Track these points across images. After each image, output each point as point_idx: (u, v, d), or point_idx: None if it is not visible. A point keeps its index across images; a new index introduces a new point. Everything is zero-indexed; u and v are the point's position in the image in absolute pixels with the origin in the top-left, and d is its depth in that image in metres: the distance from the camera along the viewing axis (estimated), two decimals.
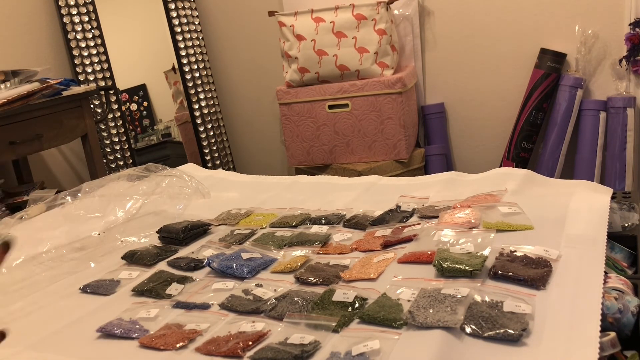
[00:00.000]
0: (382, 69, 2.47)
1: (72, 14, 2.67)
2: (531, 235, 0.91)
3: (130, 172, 1.32)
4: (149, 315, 0.81)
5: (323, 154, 2.61)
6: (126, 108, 2.96)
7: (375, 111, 2.46)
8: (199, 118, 3.02)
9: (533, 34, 2.48)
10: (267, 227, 1.14)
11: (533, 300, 0.71)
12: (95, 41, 2.73)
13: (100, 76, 2.75)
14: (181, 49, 2.95)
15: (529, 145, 2.53)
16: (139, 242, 1.13)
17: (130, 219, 1.21)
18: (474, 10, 2.56)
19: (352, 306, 0.76)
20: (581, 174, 2.41)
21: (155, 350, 0.73)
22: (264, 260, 0.96)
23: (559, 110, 2.43)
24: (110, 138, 2.79)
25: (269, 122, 3.15)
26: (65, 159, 2.80)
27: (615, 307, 0.69)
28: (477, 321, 0.67)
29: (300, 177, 1.44)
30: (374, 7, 2.45)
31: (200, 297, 0.86)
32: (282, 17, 2.59)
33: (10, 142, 2.04)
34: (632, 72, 2.34)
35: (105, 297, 0.91)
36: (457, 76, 2.67)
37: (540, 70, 2.44)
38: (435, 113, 2.71)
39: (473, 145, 2.74)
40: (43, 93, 2.12)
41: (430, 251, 0.87)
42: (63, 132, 2.24)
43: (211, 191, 1.33)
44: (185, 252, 1.04)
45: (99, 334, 0.78)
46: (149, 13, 3.03)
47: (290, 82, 2.60)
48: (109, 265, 1.02)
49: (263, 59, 3.04)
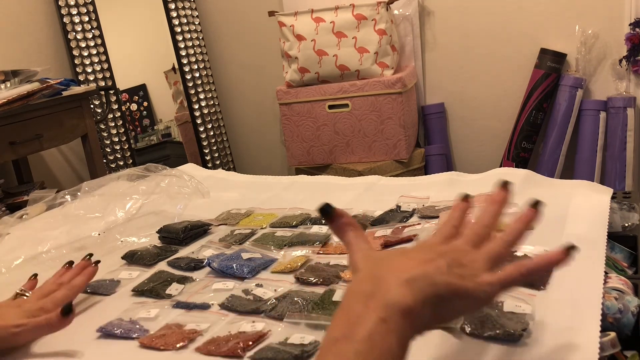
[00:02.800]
0: (382, 69, 2.47)
1: (72, 14, 2.67)
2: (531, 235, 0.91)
3: (130, 172, 1.32)
4: (149, 315, 0.81)
5: (323, 154, 2.61)
6: (126, 108, 2.96)
7: (375, 111, 2.46)
8: (199, 118, 3.02)
9: (533, 34, 2.48)
10: (267, 227, 1.14)
11: (533, 300, 0.71)
12: (95, 41, 2.73)
13: (100, 76, 2.75)
14: (181, 49, 2.95)
15: (529, 145, 2.53)
16: (139, 242, 1.13)
17: (130, 219, 1.21)
18: (474, 10, 2.56)
19: None
20: (581, 174, 2.41)
21: (155, 350, 0.73)
22: (264, 261, 0.96)
23: (559, 110, 2.43)
24: (110, 138, 2.79)
25: (269, 122, 3.15)
26: (65, 159, 2.80)
27: (615, 307, 0.69)
28: (477, 321, 0.67)
29: (300, 177, 1.44)
30: (374, 7, 2.45)
31: (200, 297, 0.86)
32: (282, 17, 2.59)
33: (10, 142, 2.04)
34: (632, 72, 2.34)
35: (105, 297, 0.91)
36: (457, 76, 2.67)
37: (540, 70, 2.44)
38: (435, 113, 2.71)
39: (473, 145, 2.74)
40: (43, 93, 2.12)
41: None
42: (63, 132, 2.24)
43: (211, 191, 1.33)
44: (185, 252, 1.04)
45: (98, 334, 0.78)
46: (149, 13, 3.03)
47: (290, 82, 2.60)
48: (109, 265, 1.02)
49: (263, 59, 3.04)
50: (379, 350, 0.45)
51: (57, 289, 0.84)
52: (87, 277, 0.88)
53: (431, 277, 0.50)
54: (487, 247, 0.56)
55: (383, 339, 0.46)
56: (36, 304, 0.80)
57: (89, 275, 0.88)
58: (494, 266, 0.54)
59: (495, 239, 0.57)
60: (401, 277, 0.49)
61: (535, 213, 0.59)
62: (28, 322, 0.74)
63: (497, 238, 0.57)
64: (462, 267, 0.52)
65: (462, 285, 0.50)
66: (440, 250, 0.54)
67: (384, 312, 0.47)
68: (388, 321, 0.46)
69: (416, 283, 0.49)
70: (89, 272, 0.88)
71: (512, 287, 0.54)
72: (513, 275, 0.53)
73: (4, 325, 0.73)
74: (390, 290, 0.48)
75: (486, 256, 0.54)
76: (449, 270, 0.51)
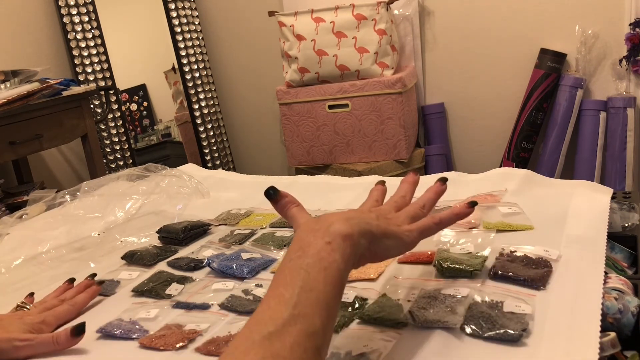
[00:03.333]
0: (382, 69, 2.47)
1: (72, 14, 2.68)
2: (531, 235, 0.91)
3: (130, 172, 1.31)
4: (149, 316, 0.81)
5: (323, 154, 2.61)
6: (126, 108, 2.96)
7: (375, 111, 2.46)
8: (199, 118, 3.02)
9: (533, 34, 2.48)
10: (267, 227, 1.14)
11: (533, 300, 0.71)
12: (95, 41, 2.73)
13: (100, 76, 2.75)
14: (181, 49, 2.95)
15: (529, 145, 2.53)
16: (139, 242, 1.13)
17: (130, 219, 1.21)
18: (474, 10, 2.56)
19: (352, 306, 0.76)
20: (581, 174, 2.41)
21: (155, 350, 0.73)
22: (264, 261, 0.96)
23: (559, 110, 2.43)
24: (110, 138, 2.79)
25: (269, 122, 3.15)
26: (65, 159, 2.80)
27: (615, 307, 0.69)
28: (477, 321, 0.67)
29: (300, 177, 1.44)
30: (374, 7, 2.45)
31: (200, 297, 0.86)
32: (282, 17, 2.59)
33: (10, 142, 2.04)
34: (632, 72, 2.34)
35: (105, 297, 0.91)
36: (457, 76, 2.67)
37: (540, 70, 2.44)
38: (435, 113, 2.71)
39: (473, 145, 2.74)
40: (43, 93, 2.12)
41: (430, 251, 0.87)
42: (63, 132, 2.24)
43: (211, 191, 1.32)
44: (185, 252, 1.04)
45: (98, 335, 0.78)
46: (149, 13, 3.03)
47: (290, 82, 2.60)
48: (109, 265, 1.02)
49: (263, 59, 3.04)
50: (326, 262, 0.56)
51: (59, 305, 0.84)
52: (90, 295, 0.88)
53: (364, 219, 0.62)
54: (405, 209, 0.70)
55: (329, 255, 0.57)
56: (38, 316, 0.80)
57: (92, 294, 0.88)
58: (412, 221, 0.68)
59: (411, 204, 0.72)
60: (341, 217, 0.61)
61: (442, 187, 0.76)
62: (34, 338, 0.74)
63: (413, 203, 0.72)
64: (387, 219, 0.66)
65: (389, 227, 0.64)
66: (370, 210, 0.69)
67: (329, 237, 0.58)
68: (332, 243, 0.58)
69: (354, 220, 0.61)
70: (92, 290, 0.89)
71: (428, 234, 0.69)
72: (427, 224, 0.68)
73: (7, 338, 0.73)
74: (332, 224, 0.60)
75: (405, 214, 0.69)
76: (377, 218, 0.64)
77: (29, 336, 0.74)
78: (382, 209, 0.69)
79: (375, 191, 0.77)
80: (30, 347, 0.73)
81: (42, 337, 0.74)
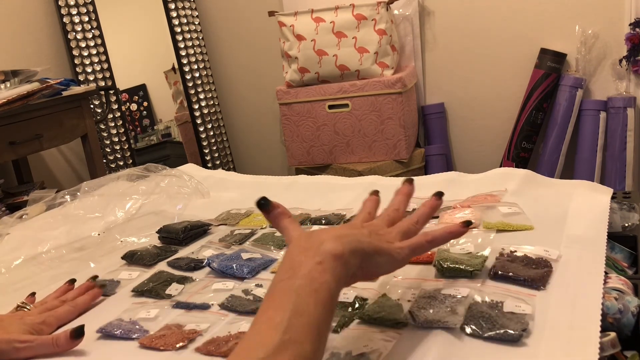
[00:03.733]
0: (382, 69, 2.47)
1: (72, 14, 2.68)
2: (531, 235, 0.91)
3: (130, 172, 1.31)
4: (149, 316, 0.81)
5: (323, 154, 2.61)
6: (126, 108, 2.96)
7: (375, 111, 2.46)
8: (199, 118, 3.02)
9: (533, 34, 2.48)
10: (267, 227, 1.14)
11: (533, 300, 0.71)
12: (95, 41, 2.73)
13: (100, 76, 2.75)
14: (181, 49, 2.95)
15: (529, 145, 2.53)
16: (139, 242, 1.13)
17: (130, 219, 1.21)
18: (474, 10, 2.56)
19: (352, 306, 0.76)
20: (581, 174, 2.41)
21: (155, 350, 0.73)
22: (264, 261, 0.96)
23: (559, 110, 2.43)
24: (110, 138, 2.79)
25: (269, 122, 3.15)
26: (65, 159, 2.80)
27: (616, 307, 0.69)
28: (477, 321, 0.67)
29: (300, 177, 1.44)
30: (374, 7, 2.45)
31: (200, 297, 0.86)
32: (282, 17, 2.59)
33: (10, 142, 2.04)
34: (632, 72, 2.34)
35: (105, 297, 0.91)
36: (457, 76, 2.67)
37: (540, 70, 2.44)
38: (435, 113, 2.71)
39: (473, 145, 2.74)
40: (43, 93, 2.12)
41: (430, 251, 0.87)
42: (63, 132, 2.24)
43: (211, 191, 1.32)
44: (185, 252, 1.04)
45: (98, 335, 0.78)
46: (149, 13, 3.03)
47: (290, 82, 2.60)
48: (109, 265, 1.02)
49: (263, 59, 3.04)
50: (317, 284, 0.55)
51: (60, 305, 0.84)
52: (91, 297, 0.88)
53: (356, 236, 0.61)
54: (398, 224, 0.69)
55: (320, 275, 0.55)
56: (38, 317, 0.79)
57: (94, 297, 0.88)
58: (404, 238, 0.67)
59: (404, 219, 0.71)
60: (332, 235, 0.60)
61: (437, 201, 0.75)
62: (34, 340, 0.74)
63: (406, 218, 0.71)
64: (379, 235, 0.65)
65: (380, 245, 0.63)
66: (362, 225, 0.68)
67: (320, 257, 0.57)
68: (323, 263, 0.56)
69: (345, 238, 0.60)
70: (94, 293, 0.89)
71: (420, 252, 0.68)
72: (419, 241, 0.67)
73: (7, 339, 0.73)
74: (323, 243, 0.58)
75: (397, 230, 0.68)
76: (369, 235, 0.63)
77: (29, 337, 0.74)
78: (375, 224, 0.68)
79: (368, 202, 0.76)
80: (30, 348, 0.73)
81: (42, 339, 0.74)
